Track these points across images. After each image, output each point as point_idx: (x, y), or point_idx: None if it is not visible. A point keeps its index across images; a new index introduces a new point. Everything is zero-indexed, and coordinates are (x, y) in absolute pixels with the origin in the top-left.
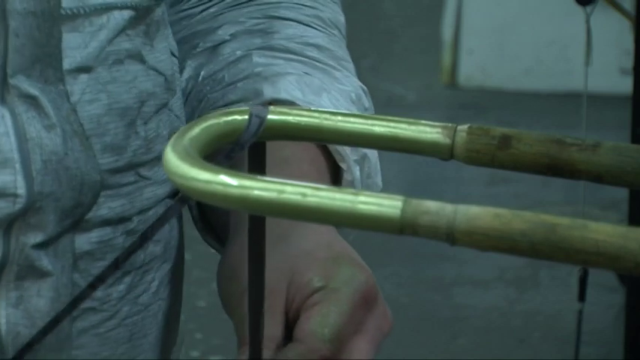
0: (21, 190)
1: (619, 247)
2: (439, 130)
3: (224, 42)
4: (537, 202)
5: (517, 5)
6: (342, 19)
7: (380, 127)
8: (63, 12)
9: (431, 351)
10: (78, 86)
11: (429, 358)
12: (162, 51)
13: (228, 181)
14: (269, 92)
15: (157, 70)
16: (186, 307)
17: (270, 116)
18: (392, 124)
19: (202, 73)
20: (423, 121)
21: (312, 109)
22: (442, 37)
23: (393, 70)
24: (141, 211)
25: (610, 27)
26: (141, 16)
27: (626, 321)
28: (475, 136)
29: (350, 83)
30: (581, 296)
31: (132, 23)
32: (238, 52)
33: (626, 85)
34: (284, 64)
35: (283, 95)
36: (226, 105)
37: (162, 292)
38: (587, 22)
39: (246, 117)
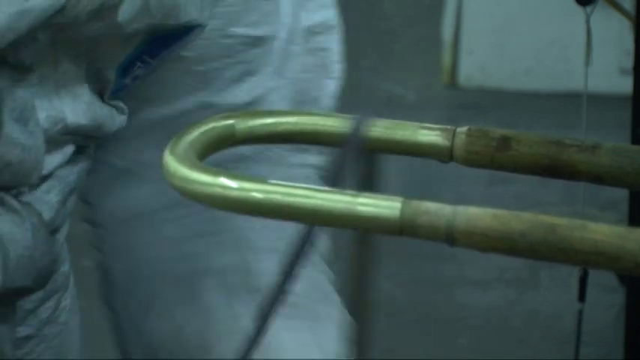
0: None
1: (618, 247)
2: (438, 132)
3: None
4: (536, 202)
5: (517, 5)
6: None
7: (379, 128)
8: None
9: (431, 351)
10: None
11: (429, 358)
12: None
13: (228, 184)
14: None
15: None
16: None
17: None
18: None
19: None
20: (422, 124)
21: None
22: (442, 37)
23: (393, 70)
24: None
25: (610, 27)
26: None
27: (626, 321)
28: (474, 138)
29: None
30: (581, 296)
31: None
32: None
33: (626, 85)
34: None
35: None
36: None
37: (73, 305)
38: (587, 22)
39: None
